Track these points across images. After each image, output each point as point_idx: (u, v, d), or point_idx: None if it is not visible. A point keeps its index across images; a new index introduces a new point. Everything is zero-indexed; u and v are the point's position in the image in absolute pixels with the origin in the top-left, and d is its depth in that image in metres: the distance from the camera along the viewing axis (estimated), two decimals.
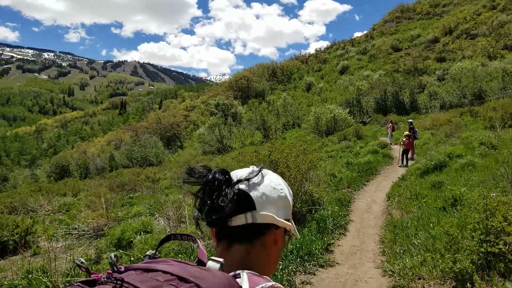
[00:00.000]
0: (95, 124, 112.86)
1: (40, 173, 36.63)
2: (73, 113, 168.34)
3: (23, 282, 6.02)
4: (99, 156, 39.16)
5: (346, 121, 27.28)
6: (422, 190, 8.15)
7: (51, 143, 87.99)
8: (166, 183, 18.58)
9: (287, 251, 5.32)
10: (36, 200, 15.73)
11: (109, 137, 63.65)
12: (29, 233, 9.90)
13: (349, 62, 58.94)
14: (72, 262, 6.68)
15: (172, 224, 7.99)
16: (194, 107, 65.63)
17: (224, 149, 32.73)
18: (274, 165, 6.97)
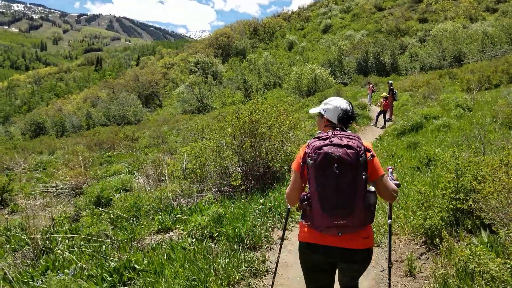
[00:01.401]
0: (70, 80, 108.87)
1: (15, 131, 35.63)
2: (46, 68, 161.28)
3: (1, 239, 6.01)
4: (75, 113, 38.27)
5: (327, 81, 27.19)
6: (398, 150, 8.36)
7: (25, 100, 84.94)
8: (145, 141, 18.44)
9: (265, 209, 5.44)
10: (11, 158, 15.42)
11: (85, 94, 61.81)
12: (5, 191, 9.77)
13: (332, 21, 57.93)
14: (51, 220, 6.69)
15: (151, 182, 8.01)
16: (173, 64, 63.95)
17: (204, 109, 32.40)
18: (254, 125, 6.96)
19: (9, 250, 5.48)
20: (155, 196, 6.40)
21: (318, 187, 1.96)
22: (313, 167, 1.97)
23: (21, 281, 4.20)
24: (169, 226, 5.47)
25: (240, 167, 7.09)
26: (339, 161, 1.91)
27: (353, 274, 2.24)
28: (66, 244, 5.16)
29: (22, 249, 5.38)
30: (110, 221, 5.81)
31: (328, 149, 1.93)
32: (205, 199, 6.29)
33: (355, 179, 1.93)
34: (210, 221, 4.91)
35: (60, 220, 6.50)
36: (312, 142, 2.06)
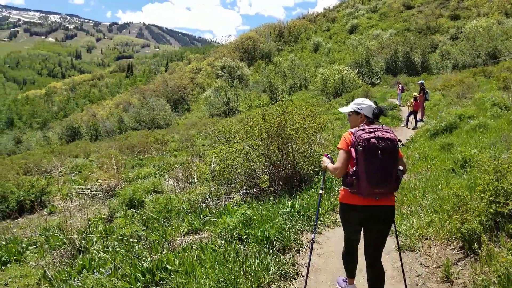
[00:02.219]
0: (103, 87, 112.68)
1: (52, 136, 37.19)
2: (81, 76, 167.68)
3: (41, 239, 6.29)
4: (108, 118, 39.45)
5: (355, 82, 26.79)
6: (431, 152, 8.12)
7: (61, 106, 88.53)
8: (174, 145, 18.76)
9: (294, 211, 5.42)
10: (49, 162, 16.09)
11: (117, 99, 63.70)
12: (44, 193, 10.22)
13: (359, 21, 57.01)
14: (87, 221, 6.92)
15: (181, 184, 8.15)
16: (200, 69, 64.85)
17: (230, 112, 32.64)
18: (281, 127, 6.95)
19: (48, 249, 5.72)
20: (185, 198, 6.51)
21: (366, 167, 2.80)
22: (363, 153, 2.79)
23: (60, 279, 4.38)
24: (198, 227, 5.55)
25: (267, 169, 7.11)
26: (383, 149, 2.76)
27: (380, 227, 3.01)
28: (101, 244, 5.34)
29: (60, 248, 5.61)
30: (142, 222, 5.96)
31: (375, 141, 2.77)
32: (233, 201, 6.34)
33: (392, 161, 2.82)
34: (238, 223, 4.94)
35: (95, 221, 6.72)
36: (359, 133, 2.87)
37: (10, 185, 10.38)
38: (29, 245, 6.19)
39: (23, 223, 8.74)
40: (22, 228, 8.31)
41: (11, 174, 14.19)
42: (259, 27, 71.96)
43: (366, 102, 3.20)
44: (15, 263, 5.57)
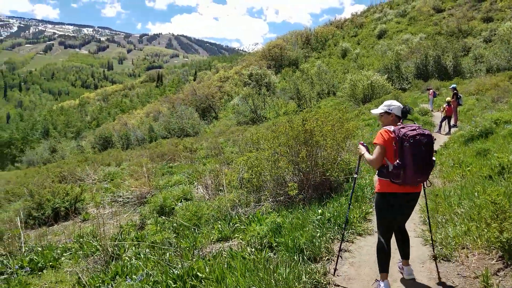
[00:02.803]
0: (134, 96, 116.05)
1: (85, 145, 38.53)
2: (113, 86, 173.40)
3: (75, 246, 6.47)
4: (139, 127, 40.46)
5: (384, 87, 26.33)
6: (466, 158, 7.83)
7: (94, 116, 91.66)
8: (203, 153, 18.98)
9: (324, 219, 5.35)
10: (83, 170, 16.61)
11: (147, 109, 65.30)
12: (78, 200, 10.54)
13: (387, 26, 56.17)
14: (119, 228, 7.09)
15: (210, 191, 8.22)
16: (228, 78, 65.59)
17: (258, 119, 32.75)
18: (309, 134, 6.90)
19: (82, 256, 5.89)
20: (214, 205, 6.56)
21: (413, 159, 3.29)
22: (410, 148, 3.29)
23: (94, 286, 4.49)
24: (228, 235, 5.56)
25: (296, 176, 7.06)
26: (425, 144, 3.32)
27: (411, 209, 3.70)
28: (133, 251, 5.44)
29: (93, 255, 5.75)
30: (173, 229, 6.04)
31: (420, 137, 3.30)
32: (262, 209, 6.33)
33: (431, 154, 3.39)
34: (268, 231, 4.92)
35: (127, 228, 6.87)
36: (404, 131, 3.36)
37: (46, 193, 10.73)
38: (64, 252, 6.35)
39: (58, 230, 9.01)
40: (57, 234, 8.56)
41: (47, 182, 14.72)
42: (286, 35, 72.18)
43: (395, 103, 3.74)
44: (50, 269, 5.74)
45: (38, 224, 9.94)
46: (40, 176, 18.12)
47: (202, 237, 5.48)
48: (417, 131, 3.32)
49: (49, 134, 70.17)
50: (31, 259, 6.00)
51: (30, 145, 55.77)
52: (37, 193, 10.75)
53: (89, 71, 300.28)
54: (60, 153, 36.60)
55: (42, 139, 58.19)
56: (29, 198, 11.21)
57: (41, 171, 22.22)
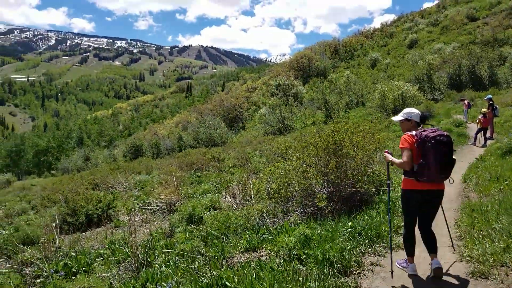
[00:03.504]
0: (164, 107, 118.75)
1: (117, 153, 39.61)
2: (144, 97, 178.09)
3: (107, 252, 6.63)
4: (168, 137, 41.25)
5: (416, 98, 25.69)
6: (504, 172, 7.51)
7: (126, 125, 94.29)
8: (230, 162, 19.08)
9: (355, 232, 5.25)
10: (115, 178, 17.06)
11: (177, 119, 66.56)
12: (110, 207, 10.82)
13: (419, 35, 55.02)
14: (149, 235, 7.22)
15: (238, 201, 8.24)
16: (255, 88, 66.03)
17: (285, 130, 32.66)
18: (338, 145, 6.83)
19: (114, 261, 6.02)
20: (242, 215, 6.57)
21: (435, 158, 3.70)
22: (432, 148, 3.71)
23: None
24: (256, 245, 5.55)
25: (325, 188, 6.98)
26: (445, 143, 3.73)
27: (436, 206, 4.11)
28: (162, 259, 5.52)
29: (125, 261, 5.87)
30: (202, 238, 6.09)
31: (440, 137, 3.72)
32: (290, 220, 6.29)
33: (451, 152, 3.78)
34: (297, 243, 4.88)
35: (157, 235, 6.98)
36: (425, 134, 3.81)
37: (80, 200, 11.08)
38: (97, 257, 6.51)
39: (91, 236, 9.26)
40: (90, 240, 8.78)
41: (81, 189, 15.20)
42: (314, 45, 72.07)
43: (414, 111, 4.17)
44: (83, 274, 5.89)
45: (72, 230, 10.27)
46: (74, 183, 18.74)
47: (230, 246, 5.49)
48: (436, 133, 3.78)
49: (83, 143, 72.67)
50: (66, 263, 6.19)
51: (65, 153, 57.98)
52: (72, 200, 11.11)
53: (121, 82, 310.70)
54: (93, 161, 37.82)
55: (76, 148, 60.37)
56: (64, 204, 11.62)
57: (75, 179, 22.97)
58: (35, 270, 6.17)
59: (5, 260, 7.36)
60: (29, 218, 12.64)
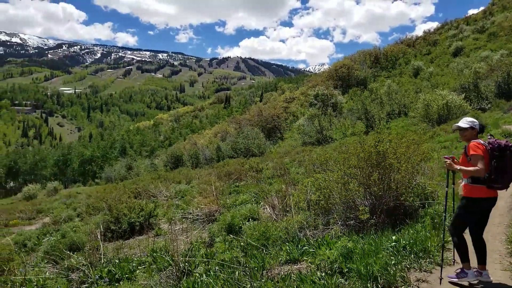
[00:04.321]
0: (203, 117, 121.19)
1: (158, 163, 40.74)
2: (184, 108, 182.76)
3: (149, 259, 6.77)
4: (207, 147, 41.92)
5: (461, 108, 24.63)
6: None
7: (167, 136, 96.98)
8: (268, 173, 19.07)
9: (399, 246, 5.06)
10: (156, 187, 17.52)
11: (215, 129, 67.62)
12: (152, 215, 11.09)
13: (464, 43, 52.92)
14: (189, 244, 7.32)
15: (277, 212, 8.19)
16: (294, 98, 65.90)
17: (324, 140, 32.26)
18: (382, 156, 6.63)
19: (155, 269, 6.14)
20: (282, 227, 6.51)
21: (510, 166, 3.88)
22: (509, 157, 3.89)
23: None
24: (296, 257, 5.46)
25: (367, 200, 6.78)
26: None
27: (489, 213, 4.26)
28: (203, 268, 5.56)
29: (166, 269, 5.96)
30: (241, 248, 6.09)
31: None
32: (331, 232, 6.15)
33: None
34: (338, 256, 4.76)
35: (197, 244, 7.06)
36: (499, 142, 3.97)
37: (123, 208, 11.44)
38: (139, 265, 6.63)
39: (133, 244, 9.50)
40: (132, 248, 9.00)
41: (124, 197, 15.71)
42: (353, 54, 71.06)
43: (476, 121, 4.34)
44: (126, 281, 6.02)
45: (116, 237, 10.58)
46: (117, 192, 19.43)
47: (270, 258, 5.44)
48: (509, 143, 3.97)
49: (126, 153, 75.38)
50: (110, 270, 6.36)
51: (109, 162, 60.35)
52: (115, 208, 11.49)
53: (163, 94, 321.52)
54: (135, 170, 39.07)
55: (119, 157, 62.69)
56: (108, 212, 12.04)
57: (119, 187, 23.82)
58: (81, 276, 6.38)
59: (53, 266, 7.69)
60: (75, 225, 13.20)
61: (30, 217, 21.74)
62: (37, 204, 26.55)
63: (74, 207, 20.21)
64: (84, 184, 57.47)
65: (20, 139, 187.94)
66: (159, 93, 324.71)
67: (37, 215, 22.19)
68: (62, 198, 28.66)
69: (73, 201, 23.86)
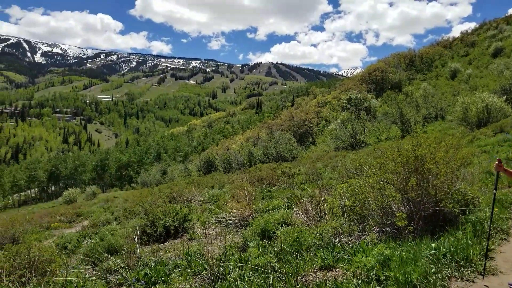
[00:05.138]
0: (235, 123, 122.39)
1: (192, 168, 41.44)
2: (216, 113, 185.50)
3: (184, 263, 6.87)
4: (239, 152, 42.23)
5: (503, 110, 23.53)
6: None
7: (200, 141, 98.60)
8: (301, 178, 18.94)
9: (439, 254, 4.88)
10: (190, 191, 17.82)
11: (247, 134, 68.07)
12: (186, 219, 11.28)
13: (504, 43, 50.60)
14: (223, 248, 7.37)
15: (311, 218, 8.11)
16: (326, 103, 65.33)
17: (357, 145, 31.74)
18: (420, 161, 6.43)
19: (190, 273, 6.22)
20: (316, 232, 6.44)
21: None
22: None
23: None
24: (331, 264, 5.38)
25: (404, 206, 6.59)
26: None
27: None
28: (237, 273, 5.58)
29: (200, 273, 6.03)
30: (275, 254, 6.07)
31: None
32: (367, 239, 6.02)
33: None
34: (375, 263, 4.65)
35: (231, 249, 7.10)
36: None
37: (158, 212, 11.70)
38: (174, 268, 6.72)
39: (169, 247, 9.67)
40: (167, 251, 9.16)
41: (159, 202, 16.09)
42: (387, 57, 69.74)
43: None
44: (162, 284, 6.12)
45: (151, 241, 10.83)
46: (153, 196, 19.90)
47: (304, 264, 5.39)
48: None
49: (160, 158, 77.24)
50: (146, 273, 6.49)
51: (144, 167, 62.05)
52: (151, 212, 11.78)
53: (196, 100, 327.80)
54: (170, 175, 39.97)
55: (154, 162, 64.35)
56: (144, 216, 12.35)
57: (154, 192, 24.39)
58: (119, 278, 6.54)
59: (92, 267, 7.95)
60: (113, 228, 13.65)
61: (70, 220, 22.70)
62: (76, 207, 27.70)
63: (112, 211, 20.90)
64: (121, 189, 59.28)
65: (61, 145, 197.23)
66: (192, 99, 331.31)
67: (77, 218, 23.14)
68: (100, 202, 29.73)
69: (110, 205, 24.70)
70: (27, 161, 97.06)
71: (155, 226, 11.09)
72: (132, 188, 52.80)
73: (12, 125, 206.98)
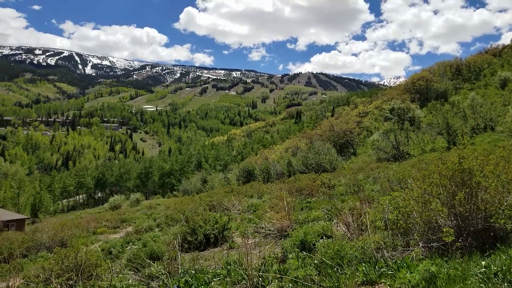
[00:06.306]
0: (274, 132, 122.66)
1: (231, 177, 41.93)
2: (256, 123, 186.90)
3: (223, 272, 6.94)
4: (278, 162, 42.22)
5: None
6: None
7: (239, 150, 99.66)
8: (341, 189, 18.60)
9: (490, 273, 4.62)
10: (229, 200, 18.02)
11: (286, 144, 67.97)
12: (225, 228, 11.40)
13: None
14: (262, 259, 7.38)
15: (352, 231, 7.94)
16: (367, 113, 63.99)
17: (400, 156, 30.74)
18: (467, 174, 6.14)
19: (229, 282, 6.27)
20: (358, 246, 6.30)
21: None
22: None
23: None
24: (374, 279, 5.24)
25: (451, 221, 6.30)
26: None
27: None
28: (276, 284, 5.57)
29: (240, 283, 6.07)
30: (315, 266, 6.00)
31: None
32: (412, 254, 5.81)
33: None
34: (421, 280, 4.48)
35: (270, 260, 7.09)
36: None
37: (199, 220, 11.90)
38: (214, 277, 6.78)
39: (208, 255, 9.80)
40: (207, 259, 9.27)
41: (200, 210, 16.37)
42: (432, 66, 67.44)
43: None
44: None
45: (192, 248, 11.02)
46: (193, 204, 20.30)
47: (345, 278, 5.29)
48: None
49: (201, 166, 78.74)
50: (186, 280, 6.59)
51: (186, 176, 63.48)
52: (192, 220, 12.00)
53: (236, 110, 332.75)
54: (210, 183, 40.66)
55: (195, 171, 65.67)
56: (185, 223, 12.62)
57: (195, 199, 24.87)
58: (160, 284, 6.68)
59: (135, 273, 8.21)
60: (155, 235, 14.03)
61: (115, 226, 23.64)
62: (121, 214, 28.80)
63: (154, 218, 21.52)
64: (163, 196, 60.92)
65: (107, 153, 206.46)
66: (232, 109, 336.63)
67: (121, 224, 24.05)
68: (143, 208, 30.72)
69: (153, 212, 25.44)
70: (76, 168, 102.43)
71: (195, 234, 11.26)
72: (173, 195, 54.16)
73: (63, 134, 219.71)
